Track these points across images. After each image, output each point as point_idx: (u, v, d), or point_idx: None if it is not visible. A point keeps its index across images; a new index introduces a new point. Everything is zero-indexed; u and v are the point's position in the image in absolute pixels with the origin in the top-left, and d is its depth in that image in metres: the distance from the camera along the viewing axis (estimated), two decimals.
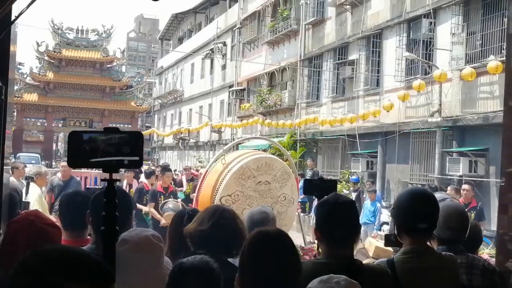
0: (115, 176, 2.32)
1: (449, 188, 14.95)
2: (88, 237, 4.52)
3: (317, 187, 4.16)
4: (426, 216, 3.50)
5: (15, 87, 54.80)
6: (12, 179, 6.63)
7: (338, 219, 3.27)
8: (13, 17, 2.76)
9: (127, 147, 2.22)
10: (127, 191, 14.75)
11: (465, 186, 13.51)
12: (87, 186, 14.53)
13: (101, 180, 2.41)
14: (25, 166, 11.18)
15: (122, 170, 27.61)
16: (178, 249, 4.18)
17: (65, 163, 12.38)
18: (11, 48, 2.72)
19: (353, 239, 3.38)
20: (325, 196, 3.55)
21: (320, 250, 3.49)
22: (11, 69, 2.78)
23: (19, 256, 2.51)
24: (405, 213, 3.56)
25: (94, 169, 18.22)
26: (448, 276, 3.48)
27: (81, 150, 2.20)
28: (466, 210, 6.60)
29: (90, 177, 19.25)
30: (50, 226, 2.90)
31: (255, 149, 20.25)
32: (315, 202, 17.34)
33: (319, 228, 3.36)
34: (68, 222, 4.37)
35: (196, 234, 3.81)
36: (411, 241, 3.51)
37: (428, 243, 3.63)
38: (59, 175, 12.77)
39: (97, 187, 12.08)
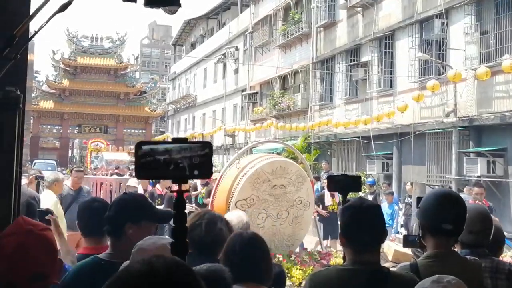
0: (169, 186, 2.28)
1: (465, 189, 14.81)
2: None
3: (341, 183, 4.04)
4: (452, 218, 3.42)
5: (32, 95, 55.63)
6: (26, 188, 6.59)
7: (363, 224, 3.22)
8: (32, 32, 2.83)
9: (197, 157, 2.16)
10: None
11: (475, 189, 13.34)
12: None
13: (170, 191, 2.38)
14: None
15: (133, 174, 27.75)
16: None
17: (77, 173, 12.11)
18: (29, 57, 2.81)
19: (379, 245, 3.32)
20: (349, 192, 3.66)
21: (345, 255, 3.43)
22: (28, 78, 2.81)
23: (28, 272, 2.53)
24: (431, 214, 3.49)
25: (111, 175, 18.28)
26: (473, 281, 3.33)
27: (149, 161, 2.14)
28: None
29: (106, 183, 19.16)
30: (47, 230, 2.75)
31: (269, 153, 20.25)
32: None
33: (344, 233, 3.30)
34: (87, 229, 4.44)
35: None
36: (436, 243, 3.43)
37: (452, 247, 3.55)
38: (68, 183, 12.14)
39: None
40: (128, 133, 60.68)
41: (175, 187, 2.23)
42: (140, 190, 16.00)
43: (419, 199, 5.15)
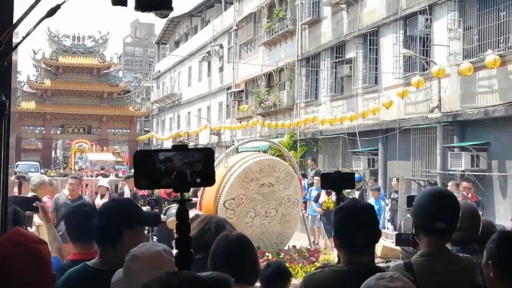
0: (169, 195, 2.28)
1: (449, 183, 14.96)
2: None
3: (335, 181, 4.03)
4: (446, 217, 3.41)
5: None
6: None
7: (357, 225, 3.19)
8: (20, 38, 2.73)
9: (198, 164, 2.12)
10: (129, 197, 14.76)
11: (464, 183, 13.48)
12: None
13: (172, 200, 2.33)
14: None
15: (119, 174, 27.07)
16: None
17: (73, 180, 11.20)
18: (13, 58, 2.67)
19: (373, 246, 3.29)
20: (343, 189, 3.66)
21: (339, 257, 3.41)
22: (13, 79, 2.70)
23: (14, 286, 2.42)
24: (424, 212, 3.48)
25: (96, 176, 18.02)
26: (467, 278, 3.40)
27: (149, 170, 2.10)
28: None
29: (91, 184, 19.07)
30: (40, 243, 2.62)
31: (255, 151, 20.28)
32: (311, 203, 17.39)
33: (338, 235, 3.28)
34: (77, 234, 4.34)
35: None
36: (429, 242, 3.41)
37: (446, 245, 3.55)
38: (65, 192, 11.19)
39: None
40: (112, 132, 60.25)
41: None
42: (127, 191, 16.00)
43: (409, 198, 5.17)
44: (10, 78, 2.60)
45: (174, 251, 3.10)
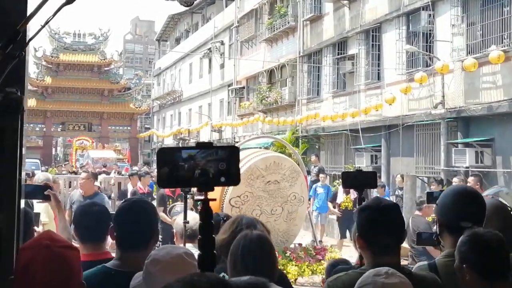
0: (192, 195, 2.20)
1: (454, 179, 14.90)
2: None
3: (356, 180, 3.92)
4: (471, 215, 3.33)
5: None
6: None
7: (382, 225, 3.10)
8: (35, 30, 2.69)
9: (223, 163, 2.06)
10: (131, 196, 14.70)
11: (470, 179, 13.44)
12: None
13: (196, 200, 2.26)
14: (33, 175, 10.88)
15: (121, 172, 26.90)
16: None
17: (85, 174, 10.78)
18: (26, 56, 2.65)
19: (399, 246, 3.20)
20: (365, 189, 3.60)
21: (363, 258, 3.33)
22: (26, 75, 2.69)
23: (36, 285, 2.35)
24: (449, 211, 3.40)
25: (99, 173, 17.63)
26: None
27: (172, 168, 2.03)
28: None
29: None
30: (69, 248, 2.54)
31: (257, 148, 20.21)
32: (314, 200, 17.30)
33: (362, 235, 3.19)
34: (86, 234, 4.30)
35: (218, 243, 3.74)
36: (454, 242, 3.26)
37: None
38: (80, 189, 10.73)
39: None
40: (113, 130, 60.29)
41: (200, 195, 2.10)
42: (131, 189, 15.94)
43: (429, 194, 5.06)
44: (24, 72, 2.59)
45: (183, 250, 3.05)
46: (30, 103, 55.41)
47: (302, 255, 10.63)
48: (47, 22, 2.52)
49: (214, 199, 2.17)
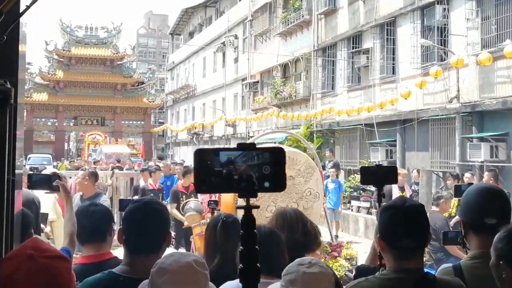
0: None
1: (466, 174, 14.84)
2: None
3: (376, 175, 3.75)
4: (496, 212, 3.15)
5: (25, 87, 54.16)
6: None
7: (406, 227, 2.92)
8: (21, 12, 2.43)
9: (267, 166, 1.87)
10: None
11: (485, 174, 13.37)
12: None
13: (237, 207, 2.07)
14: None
15: (134, 167, 26.74)
16: (212, 259, 4.22)
17: (82, 173, 9.60)
18: (21, 48, 2.43)
19: (423, 249, 3.04)
20: (385, 184, 3.46)
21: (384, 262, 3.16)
22: (21, 70, 2.42)
23: None
24: (472, 209, 3.24)
25: (112, 169, 17.46)
26: None
27: (209, 172, 1.86)
28: None
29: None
30: (57, 259, 2.30)
31: (271, 142, 20.21)
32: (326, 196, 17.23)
33: (384, 237, 2.99)
34: (87, 235, 4.21)
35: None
36: (479, 242, 3.17)
37: None
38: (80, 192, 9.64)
39: (129, 198, 11.46)
40: (126, 124, 60.26)
41: (241, 201, 1.89)
42: (143, 184, 15.90)
43: (457, 187, 4.94)
44: (17, 65, 2.33)
45: (192, 257, 2.78)
46: (42, 97, 55.49)
47: (318, 252, 10.61)
48: (33, 3, 2.31)
49: (258, 207, 2.02)
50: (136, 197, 14.78)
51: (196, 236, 11.24)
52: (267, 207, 11.05)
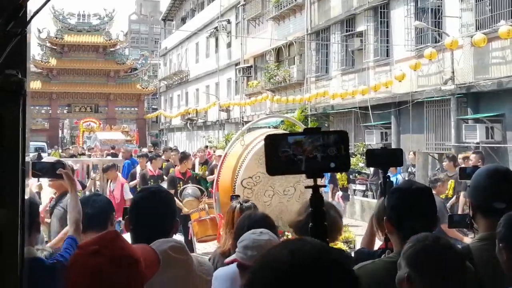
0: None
1: (459, 156, 14.74)
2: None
3: (381, 158, 3.69)
4: (505, 195, 3.11)
5: None
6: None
7: (412, 209, 2.94)
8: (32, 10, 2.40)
9: (332, 148, 2.00)
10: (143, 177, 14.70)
11: (471, 156, 13.26)
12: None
13: (305, 187, 2.17)
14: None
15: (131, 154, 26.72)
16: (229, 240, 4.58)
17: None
18: (28, 38, 2.42)
19: (430, 232, 2.87)
20: (390, 167, 3.38)
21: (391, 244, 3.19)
22: (28, 58, 2.44)
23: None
24: (482, 192, 3.20)
25: (107, 155, 17.28)
26: None
27: (279, 154, 2.00)
28: None
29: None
30: (120, 259, 2.21)
31: (266, 127, 20.16)
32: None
33: (391, 219, 3.01)
34: (88, 223, 4.24)
35: (294, 224, 4.10)
36: (488, 225, 3.11)
37: None
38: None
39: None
40: (120, 111, 60.28)
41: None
42: (139, 171, 15.82)
43: (462, 170, 4.91)
44: (26, 53, 2.37)
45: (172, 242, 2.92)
46: (35, 85, 55.31)
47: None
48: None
49: (324, 186, 2.16)
50: (132, 183, 14.84)
51: (194, 222, 11.24)
52: (264, 191, 11.06)
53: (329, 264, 1.34)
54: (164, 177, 14.75)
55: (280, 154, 1.99)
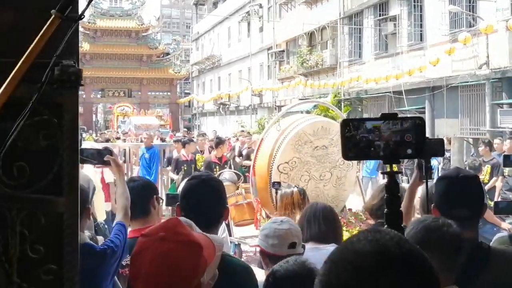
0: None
1: (496, 140, 14.65)
2: None
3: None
4: None
5: None
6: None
7: (460, 196, 2.94)
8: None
9: (409, 134, 1.98)
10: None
11: (507, 142, 13.10)
12: None
13: (382, 173, 2.17)
14: None
15: (165, 139, 26.81)
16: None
17: None
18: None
19: (477, 219, 3.04)
20: (433, 157, 3.45)
21: None
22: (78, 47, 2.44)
23: (140, 283, 2.17)
24: None
25: (141, 140, 17.20)
26: None
27: (356, 140, 1.97)
28: None
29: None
30: (186, 244, 2.20)
31: (298, 112, 20.17)
32: (362, 165, 17.18)
33: (438, 206, 2.99)
34: (132, 210, 4.16)
35: (369, 207, 4.55)
36: None
37: None
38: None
39: None
40: (153, 95, 60.55)
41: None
42: (176, 155, 15.96)
43: (506, 157, 5.02)
44: (78, 42, 2.29)
45: None
46: None
47: (353, 220, 10.65)
48: None
49: (401, 172, 2.07)
50: (169, 168, 15.00)
51: (232, 206, 11.39)
52: (300, 176, 11.14)
53: (410, 258, 1.34)
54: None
55: (358, 139, 1.98)
